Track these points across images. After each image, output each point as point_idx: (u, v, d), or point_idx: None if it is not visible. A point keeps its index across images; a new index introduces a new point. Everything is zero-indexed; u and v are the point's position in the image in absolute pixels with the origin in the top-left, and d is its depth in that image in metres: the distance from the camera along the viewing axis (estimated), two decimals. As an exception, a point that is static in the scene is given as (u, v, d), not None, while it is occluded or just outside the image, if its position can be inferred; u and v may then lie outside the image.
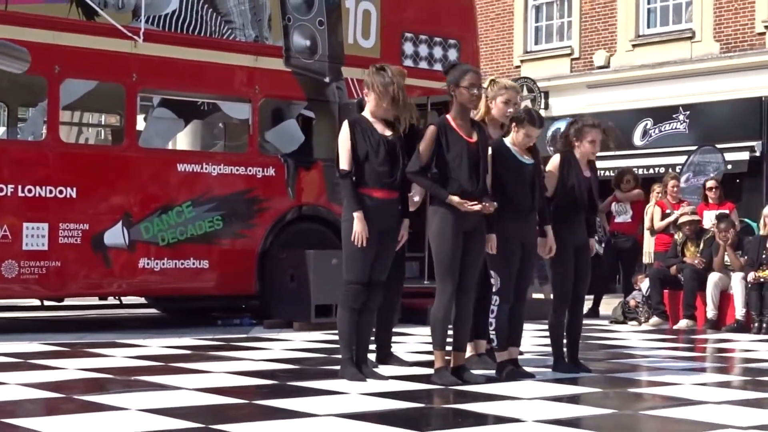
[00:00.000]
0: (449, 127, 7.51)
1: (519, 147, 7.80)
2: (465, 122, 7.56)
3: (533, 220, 7.87)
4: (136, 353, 9.11)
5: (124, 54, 11.68)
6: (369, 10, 13.53)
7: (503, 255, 7.63)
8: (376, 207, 7.51)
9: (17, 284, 11.05)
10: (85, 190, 11.45)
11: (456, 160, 7.40)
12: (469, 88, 7.51)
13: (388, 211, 7.58)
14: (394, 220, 7.63)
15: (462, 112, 7.59)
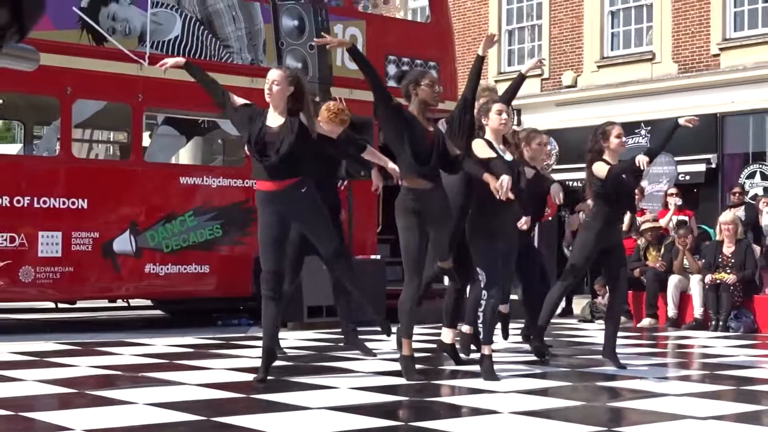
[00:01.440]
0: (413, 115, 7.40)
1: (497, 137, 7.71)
2: (424, 119, 7.44)
3: (511, 215, 7.70)
4: (143, 351, 9.09)
5: (131, 76, 11.67)
6: (355, 34, 13.54)
7: (487, 250, 7.49)
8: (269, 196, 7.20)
9: (33, 288, 11.02)
10: (95, 202, 11.43)
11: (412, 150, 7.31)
12: (431, 85, 7.44)
13: (285, 198, 7.18)
14: (293, 206, 7.18)
15: (422, 110, 7.45)
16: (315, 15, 13.10)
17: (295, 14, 12.99)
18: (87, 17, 11.41)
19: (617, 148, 8.11)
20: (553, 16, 22.90)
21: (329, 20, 13.22)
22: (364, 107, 13.15)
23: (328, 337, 10.56)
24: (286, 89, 7.25)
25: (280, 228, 7.22)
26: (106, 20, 11.60)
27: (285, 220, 7.22)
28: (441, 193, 7.39)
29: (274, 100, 7.26)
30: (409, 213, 7.32)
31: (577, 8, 22.41)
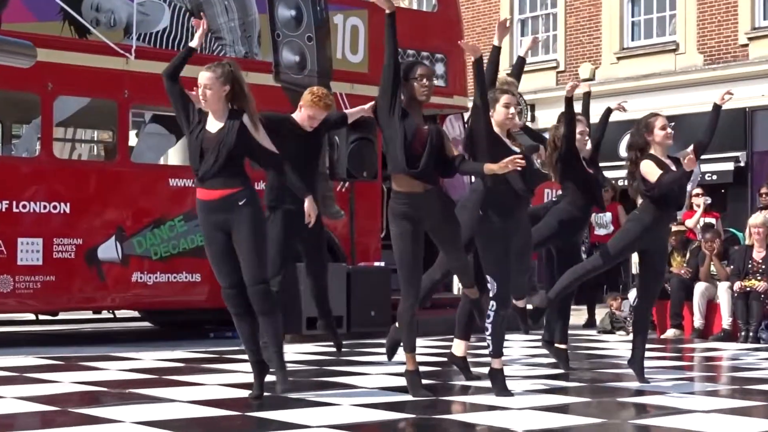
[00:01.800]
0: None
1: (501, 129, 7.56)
2: (416, 115, 7.29)
3: (522, 214, 7.58)
4: (130, 366, 9.09)
5: (116, 71, 11.69)
6: (357, 25, 13.56)
7: (495, 257, 7.34)
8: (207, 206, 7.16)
9: (12, 299, 11.04)
10: (78, 206, 11.45)
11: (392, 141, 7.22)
12: (419, 79, 7.29)
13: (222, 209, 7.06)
14: (230, 216, 7.03)
15: (413, 106, 7.32)
16: (313, 4, 13.12)
17: (291, 4, 13.01)
18: (69, 8, 11.42)
19: (663, 141, 8.10)
20: (569, 5, 22.92)
21: (329, 10, 13.23)
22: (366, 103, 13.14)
23: (328, 350, 10.56)
24: (221, 90, 7.15)
25: (223, 239, 7.09)
26: (89, 11, 11.62)
27: (225, 230, 7.08)
28: (438, 195, 7.30)
29: (210, 105, 7.17)
30: (401, 218, 7.23)
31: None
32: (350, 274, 11.89)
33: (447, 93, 14.21)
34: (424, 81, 7.29)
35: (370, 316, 11.93)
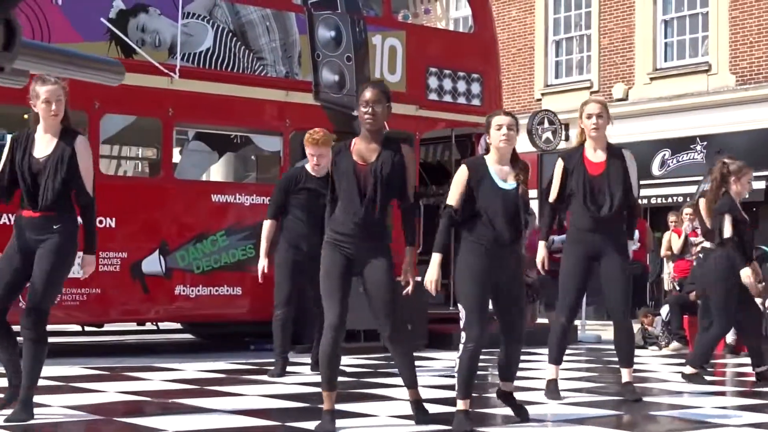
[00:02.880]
0: (345, 149, 6.69)
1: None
2: (367, 144, 6.64)
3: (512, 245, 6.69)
4: (173, 377, 9.14)
5: (161, 90, 11.77)
6: (395, 46, 13.60)
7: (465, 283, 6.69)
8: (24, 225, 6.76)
9: (59, 310, 11.08)
10: (123, 220, 11.52)
11: (343, 185, 6.61)
12: (363, 105, 6.63)
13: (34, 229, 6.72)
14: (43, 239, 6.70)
15: (363, 133, 6.67)
16: (352, 26, 13.17)
17: (331, 25, 13.07)
18: (116, 29, 11.53)
19: (742, 192, 8.24)
20: (602, 26, 22.88)
21: (367, 31, 13.29)
22: (403, 121, 13.19)
23: (367, 363, 10.57)
24: (64, 104, 6.57)
25: (15, 259, 6.75)
26: (135, 32, 11.71)
27: (28, 252, 6.72)
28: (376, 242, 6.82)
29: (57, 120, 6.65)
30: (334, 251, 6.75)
31: (628, 17, 22.38)
32: (387, 289, 11.87)
33: (483, 112, 14.17)
34: (368, 108, 6.61)
35: (407, 329, 11.89)
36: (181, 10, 11.93)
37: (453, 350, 11.66)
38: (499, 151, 6.69)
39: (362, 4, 13.88)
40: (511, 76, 23.84)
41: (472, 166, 6.69)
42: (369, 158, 6.61)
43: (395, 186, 6.67)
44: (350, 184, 6.56)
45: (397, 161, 6.62)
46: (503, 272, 6.60)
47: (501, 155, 6.69)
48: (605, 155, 8.11)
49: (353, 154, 6.63)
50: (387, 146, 6.67)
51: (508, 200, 6.55)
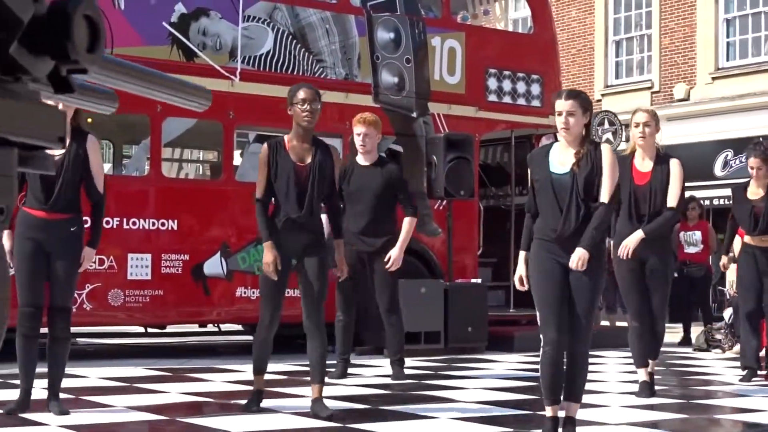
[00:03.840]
0: (281, 148, 7.00)
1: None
2: (301, 143, 6.98)
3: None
4: (234, 378, 9.19)
5: (222, 93, 11.83)
6: (454, 47, 13.57)
7: (534, 283, 6.22)
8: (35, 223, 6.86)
9: (122, 312, 11.22)
10: (185, 223, 11.60)
11: (283, 185, 6.97)
12: (301, 104, 6.90)
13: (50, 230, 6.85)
14: (60, 240, 6.83)
15: (298, 133, 6.99)
16: (412, 27, 13.18)
17: (390, 27, 13.07)
18: (177, 32, 11.62)
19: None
20: (663, 25, 22.69)
21: (427, 32, 13.28)
22: (463, 123, 13.17)
23: (427, 365, 10.56)
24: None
25: (39, 260, 6.85)
26: (196, 35, 11.80)
27: (43, 251, 6.84)
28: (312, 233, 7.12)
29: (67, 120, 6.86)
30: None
31: (690, 16, 22.17)
32: (447, 291, 11.88)
33: (543, 113, 14.15)
34: (306, 106, 6.90)
35: (467, 332, 11.89)
36: (242, 14, 12.00)
37: (514, 353, 11.66)
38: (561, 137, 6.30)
39: (421, 5, 13.88)
40: (571, 76, 23.71)
41: (533, 155, 6.51)
42: (305, 158, 6.97)
43: (327, 184, 7.06)
44: (290, 184, 6.93)
45: (329, 160, 7.03)
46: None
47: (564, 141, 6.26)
48: (652, 164, 8.13)
49: (290, 153, 6.97)
50: (318, 146, 7.05)
51: (560, 186, 6.16)
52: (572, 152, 6.17)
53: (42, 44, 1.62)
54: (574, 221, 6.05)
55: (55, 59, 1.65)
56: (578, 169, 6.09)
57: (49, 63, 1.66)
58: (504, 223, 14.44)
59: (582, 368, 6.12)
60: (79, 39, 1.62)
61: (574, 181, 6.08)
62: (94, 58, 1.67)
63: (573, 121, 6.18)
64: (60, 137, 1.80)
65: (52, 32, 1.60)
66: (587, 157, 6.12)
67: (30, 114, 1.72)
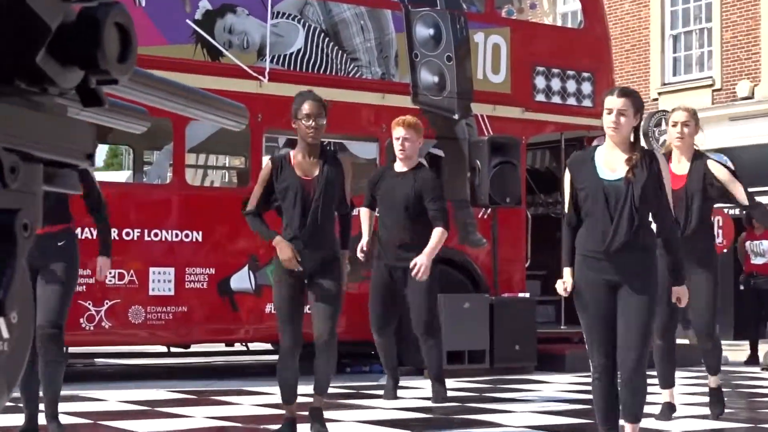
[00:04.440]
0: (286, 162, 7.17)
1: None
2: (307, 158, 7.16)
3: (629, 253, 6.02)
4: (264, 401, 9.17)
5: (249, 94, 11.83)
6: (498, 44, 13.51)
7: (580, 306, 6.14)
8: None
9: (144, 330, 11.23)
10: (211, 234, 11.61)
11: (289, 203, 7.11)
12: (305, 119, 7.08)
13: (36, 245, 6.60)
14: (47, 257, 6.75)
15: (303, 147, 7.18)
16: (452, 23, 13.14)
17: (430, 22, 13.04)
18: (202, 30, 11.64)
19: None
20: (725, 18, 22.53)
21: (469, 28, 13.24)
22: (508, 125, 13.12)
23: (471, 386, 10.50)
24: None
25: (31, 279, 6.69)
26: (222, 33, 11.81)
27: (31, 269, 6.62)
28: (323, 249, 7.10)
29: None
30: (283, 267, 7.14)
31: (753, 8, 22.01)
32: (493, 306, 11.82)
33: (595, 114, 14.06)
34: (311, 122, 7.07)
35: (515, 350, 11.82)
36: (271, 10, 12.01)
37: (565, 373, 11.59)
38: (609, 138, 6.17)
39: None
40: (625, 74, 23.59)
41: (574, 160, 6.39)
42: (312, 172, 7.09)
43: (336, 197, 7.15)
44: (297, 200, 7.03)
45: (338, 173, 7.13)
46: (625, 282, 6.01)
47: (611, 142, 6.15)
48: (689, 166, 8.07)
49: (295, 168, 7.09)
50: (326, 158, 7.20)
51: (613, 194, 6.01)
52: (621, 156, 6.05)
53: (70, 53, 1.61)
54: (625, 234, 5.91)
55: (84, 69, 1.64)
56: (633, 176, 5.97)
57: (78, 73, 1.65)
58: (554, 232, 14.32)
59: (638, 392, 6.03)
60: (109, 48, 1.62)
61: (629, 189, 5.96)
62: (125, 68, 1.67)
63: (624, 121, 6.06)
64: (89, 154, 1.79)
65: (81, 41, 1.60)
66: (641, 165, 5.99)
67: (57, 128, 1.71)
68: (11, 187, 1.54)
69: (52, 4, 1.57)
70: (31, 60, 1.57)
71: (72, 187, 1.86)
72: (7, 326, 1.57)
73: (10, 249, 1.49)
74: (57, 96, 1.70)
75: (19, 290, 1.56)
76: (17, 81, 1.61)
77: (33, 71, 1.59)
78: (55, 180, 1.78)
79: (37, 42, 1.56)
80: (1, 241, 1.49)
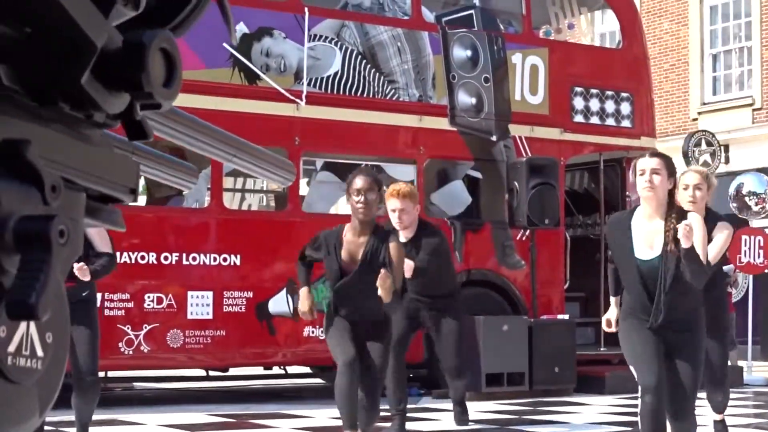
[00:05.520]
0: (337, 243, 7.22)
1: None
2: (356, 238, 7.14)
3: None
4: (303, 425, 9.17)
5: (287, 117, 11.90)
6: (536, 64, 13.52)
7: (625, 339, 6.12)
8: None
9: (182, 354, 11.28)
10: (248, 257, 11.65)
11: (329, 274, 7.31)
12: (356, 194, 7.04)
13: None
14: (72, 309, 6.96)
15: (354, 226, 7.17)
16: (490, 44, 13.15)
17: (467, 44, 13.07)
18: (239, 54, 11.71)
19: None
20: (765, 36, 22.43)
21: (506, 49, 13.25)
22: (547, 146, 13.11)
23: (510, 409, 10.46)
24: None
25: None
26: (259, 57, 11.88)
27: None
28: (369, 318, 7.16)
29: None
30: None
31: (794, 26, 21.89)
32: (532, 328, 11.79)
33: (634, 134, 14.05)
34: (361, 197, 7.03)
35: (554, 373, 11.78)
36: (307, 33, 12.06)
37: (605, 395, 11.54)
38: (644, 201, 6.03)
39: (500, 20, 13.86)
40: (664, 94, 23.51)
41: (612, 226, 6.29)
42: (357, 255, 7.06)
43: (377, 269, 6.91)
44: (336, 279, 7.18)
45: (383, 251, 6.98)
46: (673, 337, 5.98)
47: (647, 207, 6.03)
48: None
49: (342, 252, 7.11)
50: (376, 234, 7.11)
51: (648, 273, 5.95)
52: (658, 227, 5.93)
53: (115, 76, 1.63)
54: (667, 312, 5.87)
55: (128, 92, 1.66)
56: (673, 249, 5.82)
57: (123, 99, 1.67)
58: (593, 253, 14.30)
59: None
60: (154, 71, 1.63)
61: (665, 267, 5.87)
62: (170, 93, 1.68)
63: (658, 181, 5.92)
64: (132, 189, 1.80)
65: (127, 64, 1.61)
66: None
67: (100, 159, 1.72)
68: (52, 206, 1.54)
69: (97, 22, 1.58)
70: (76, 82, 1.58)
71: (114, 224, 1.87)
72: (42, 345, 1.57)
73: (45, 256, 1.49)
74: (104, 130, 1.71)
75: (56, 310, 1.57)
76: (61, 104, 1.62)
77: (77, 94, 1.61)
78: (98, 215, 1.79)
79: (82, 62, 1.57)
80: (36, 248, 1.49)
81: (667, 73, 23.80)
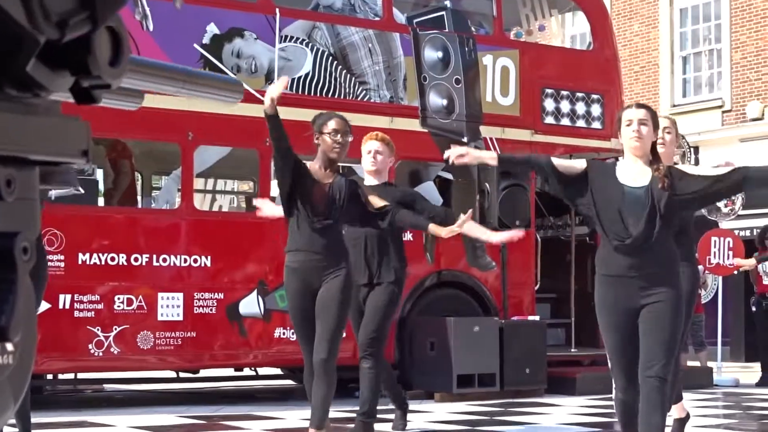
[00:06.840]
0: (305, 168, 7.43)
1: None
2: (324, 170, 7.42)
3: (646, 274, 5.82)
4: (274, 426, 9.17)
5: (258, 119, 11.82)
6: (507, 66, 13.55)
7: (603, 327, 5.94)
8: None
9: (153, 356, 11.25)
10: (219, 259, 11.63)
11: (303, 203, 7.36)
12: (332, 134, 7.37)
13: None
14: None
15: (324, 161, 7.44)
16: (461, 46, 13.18)
17: (438, 45, 13.08)
18: (209, 54, 11.69)
19: None
20: (734, 39, 22.56)
21: (478, 51, 13.27)
22: (517, 147, 13.13)
23: (481, 410, 10.49)
24: None
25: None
26: (230, 57, 11.86)
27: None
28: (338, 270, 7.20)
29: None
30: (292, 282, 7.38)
31: (762, 29, 22.03)
32: (503, 329, 11.83)
33: (604, 136, 14.10)
34: (339, 137, 7.36)
35: (525, 374, 11.82)
36: (278, 34, 12.06)
37: (576, 396, 11.58)
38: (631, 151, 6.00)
39: (471, 22, 13.88)
40: (635, 96, 23.61)
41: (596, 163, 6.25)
42: (325, 180, 7.33)
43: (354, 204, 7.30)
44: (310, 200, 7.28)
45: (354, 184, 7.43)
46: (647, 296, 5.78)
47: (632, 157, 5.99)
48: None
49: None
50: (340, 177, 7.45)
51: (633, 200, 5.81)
52: (644, 169, 5.85)
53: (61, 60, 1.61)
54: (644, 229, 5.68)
55: (75, 75, 1.64)
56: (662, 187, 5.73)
57: (69, 79, 1.66)
58: (563, 255, 14.36)
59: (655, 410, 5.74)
60: (100, 52, 1.62)
61: (651, 196, 5.74)
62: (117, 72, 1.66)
63: (645, 132, 5.89)
64: (84, 150, 1.79)
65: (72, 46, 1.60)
66: (669, 178, 5.76)
67: (50, 129, 1.71)
68: (8, 200, 1.54)
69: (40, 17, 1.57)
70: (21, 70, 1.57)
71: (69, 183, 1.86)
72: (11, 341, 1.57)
73: (11, 275, 1.49)
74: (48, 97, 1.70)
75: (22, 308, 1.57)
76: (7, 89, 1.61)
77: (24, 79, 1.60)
78: (51, 178, 1.78)
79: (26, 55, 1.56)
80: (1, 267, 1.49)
81: (638, 75, 23.92)
